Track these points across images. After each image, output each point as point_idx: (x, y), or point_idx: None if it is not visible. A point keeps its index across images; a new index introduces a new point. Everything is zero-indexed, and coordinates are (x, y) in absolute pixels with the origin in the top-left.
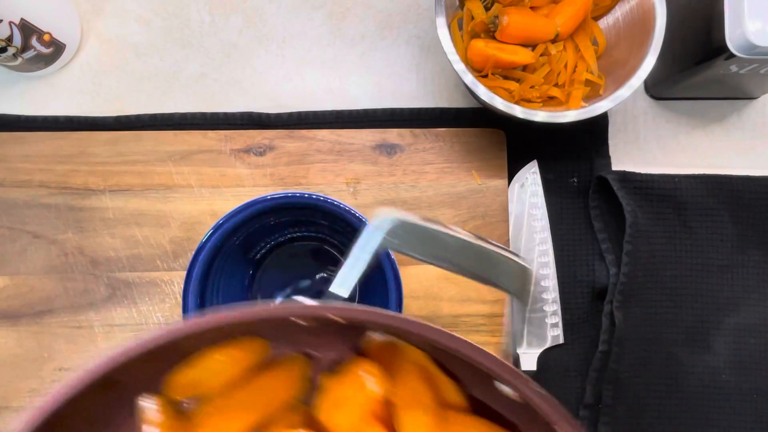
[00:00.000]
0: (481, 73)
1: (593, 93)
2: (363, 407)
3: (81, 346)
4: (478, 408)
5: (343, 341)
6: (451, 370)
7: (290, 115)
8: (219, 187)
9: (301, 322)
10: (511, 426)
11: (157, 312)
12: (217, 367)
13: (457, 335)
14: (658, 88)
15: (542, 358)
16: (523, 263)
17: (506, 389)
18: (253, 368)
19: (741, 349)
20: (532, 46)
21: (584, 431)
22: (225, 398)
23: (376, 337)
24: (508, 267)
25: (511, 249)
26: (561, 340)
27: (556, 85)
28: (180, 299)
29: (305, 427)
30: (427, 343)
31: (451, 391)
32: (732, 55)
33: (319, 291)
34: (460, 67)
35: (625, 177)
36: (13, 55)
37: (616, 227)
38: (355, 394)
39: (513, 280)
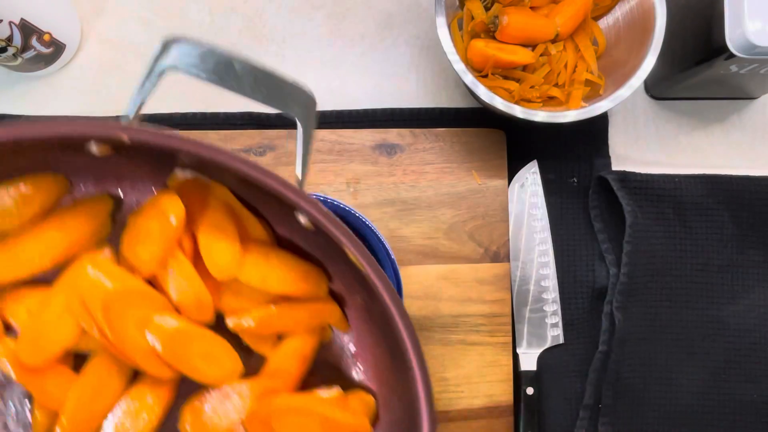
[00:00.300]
0: (481, 73)
1: (593, 93)
2: (165, 240)
3: None
4: (284, 245)
5: (149, 179)
6: (256, 208)
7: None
8: None
9: (95, 151)
10: (313, 259)
11: None
12: (5, 203)
13: (249, 160)
14: (658, 88)
15: (542, 358)
16: (309, 92)
17: (303, 220)
18: (51, 207)
19: (741, 348)
20: (532, 46)
21: (366, 251)
22: (17, 236)
23: (182, 174)
24: (296, 94)
25: (301, 82)
26: (561, 340)
27: (556, 85)
28: None
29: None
30: (230, 178)
31: (256, 228)
32: (732, 55)
33: None
34: (460, 67)
35: (625, 177)
36: (13, 55)
37: (616, 227)
38: (156, 227)
39: (300, 107)
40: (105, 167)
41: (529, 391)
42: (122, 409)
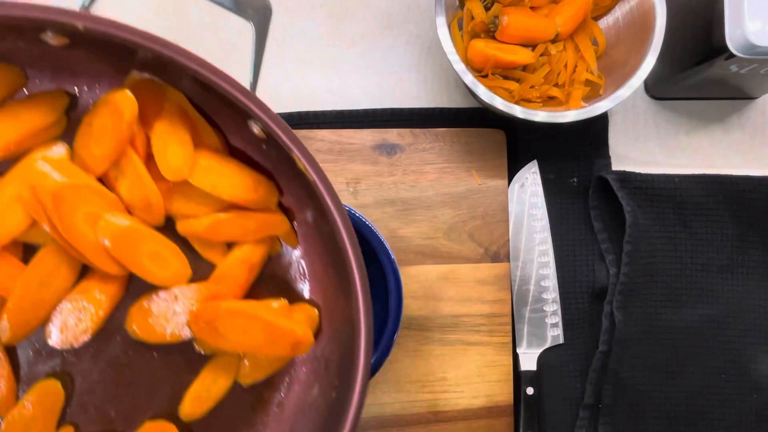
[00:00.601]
0: (481, 73)
1: (593, 93)
2: (118, 136)
3: None
4: (237, 157)
5: (106, 79)
6: (211, 118)
7: (290, 115)
8: None
9: (51, 40)
10: (266, 173)
11: None
12: None
13: (203, 59)
14: (658, 88)
15: (542, 358)
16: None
17: (256, 129)
18: (5, 99)
19: (740, 348)
20: (532, 46)
21: (317, 163)
22: None
23: (139, 75)
24: None
25: None
26: (561, 340)
27: (556, 85)
28: None
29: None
30: (186, 81)
31: (210, 135)
32: (732, 55)
33: None
34: (460, 67)
35: (625, 177)
36: None
37: (616, 227)
38: (110, 123)
39: (255, 10)
40: (61, 60)
41: (529, 391)
42: (70, 301)
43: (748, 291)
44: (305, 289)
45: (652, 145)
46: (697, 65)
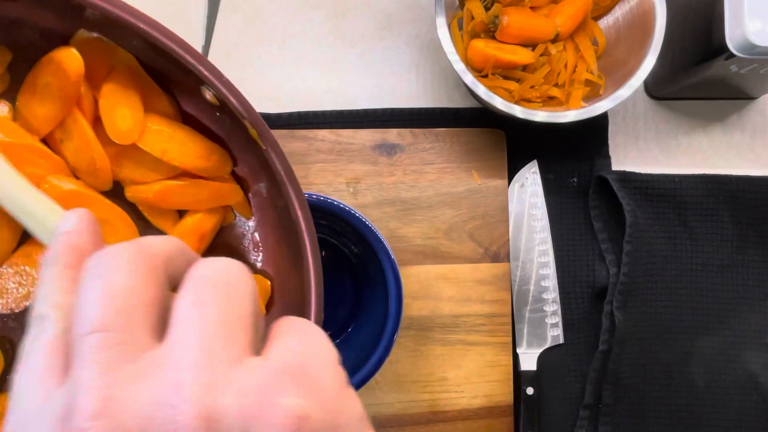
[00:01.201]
0: (481, 73)
1: (593, 93)
2: (62, 96)
3: None
4: (191, 124)
5: (53, 35)
6: (163, 83)
7: (290, 115)
8: None
9: None
10: (220, 141)
11: None
12: None
13: (152, 18)
14: (658, 88)
15: (542, 358)
16: None
17: (209, 95)
18: None
19: (741, 348)
20: (532, 46)
21: (269, 131)
22: None
23: (87, 33)
24: None
25: None
26: (561, 340)
27: (556, 85)
28: None
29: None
30: (136, 42)
31: (161, 100)
32: (732, 55)
33: None
34: (460, 67)
35: (625, 177)
36: None
37: (616, 227)
38: (54, 82)
39: None
40: (3, 14)
41: (529, 391)
42: (11, 266)
43: (748, 291)
44: (258, 260)
45: (652, 145)
46: (697, 65)
